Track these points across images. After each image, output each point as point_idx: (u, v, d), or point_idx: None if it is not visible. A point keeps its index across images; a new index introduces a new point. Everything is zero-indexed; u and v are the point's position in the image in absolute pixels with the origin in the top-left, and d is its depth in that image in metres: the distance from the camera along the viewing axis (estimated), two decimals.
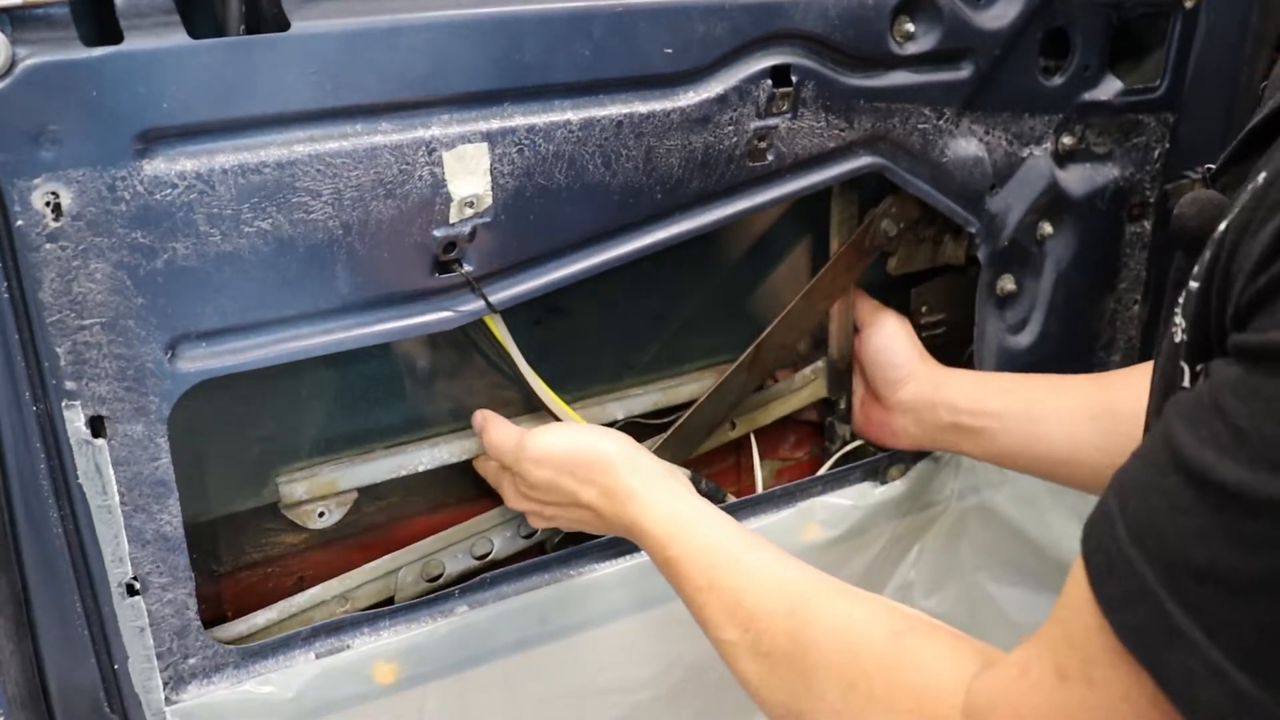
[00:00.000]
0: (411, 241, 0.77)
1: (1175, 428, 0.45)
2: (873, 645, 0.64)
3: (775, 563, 0.74)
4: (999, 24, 0.94)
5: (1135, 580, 0.45)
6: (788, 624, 0.68)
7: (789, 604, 0.69)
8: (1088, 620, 0.48)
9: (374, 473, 0.91)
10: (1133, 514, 0.46)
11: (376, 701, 0.87)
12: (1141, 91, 1.05)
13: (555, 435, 0.86)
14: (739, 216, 0.91)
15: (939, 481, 1.13)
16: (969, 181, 1.00)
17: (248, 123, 0.69)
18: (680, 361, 1.06)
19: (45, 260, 0.66)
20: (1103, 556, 0.47)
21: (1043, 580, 1.18)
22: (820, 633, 0.66)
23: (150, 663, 0.78)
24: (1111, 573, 0.46)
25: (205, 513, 0.86)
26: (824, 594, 0.70)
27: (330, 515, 0.91)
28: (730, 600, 0.72)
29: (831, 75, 0.89)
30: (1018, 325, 1.09)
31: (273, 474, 0.89)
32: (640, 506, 0.80)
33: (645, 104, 0.82)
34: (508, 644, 0.92)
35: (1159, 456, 0.46)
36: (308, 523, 0.90)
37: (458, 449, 0.94)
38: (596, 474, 0.82)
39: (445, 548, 0.96)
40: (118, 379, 0.70)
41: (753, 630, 0.70)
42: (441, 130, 0.75)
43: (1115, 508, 0.47)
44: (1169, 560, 0.44)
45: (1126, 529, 0.46)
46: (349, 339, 0.78)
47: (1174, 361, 0.52)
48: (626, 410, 1.02)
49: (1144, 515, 0.45)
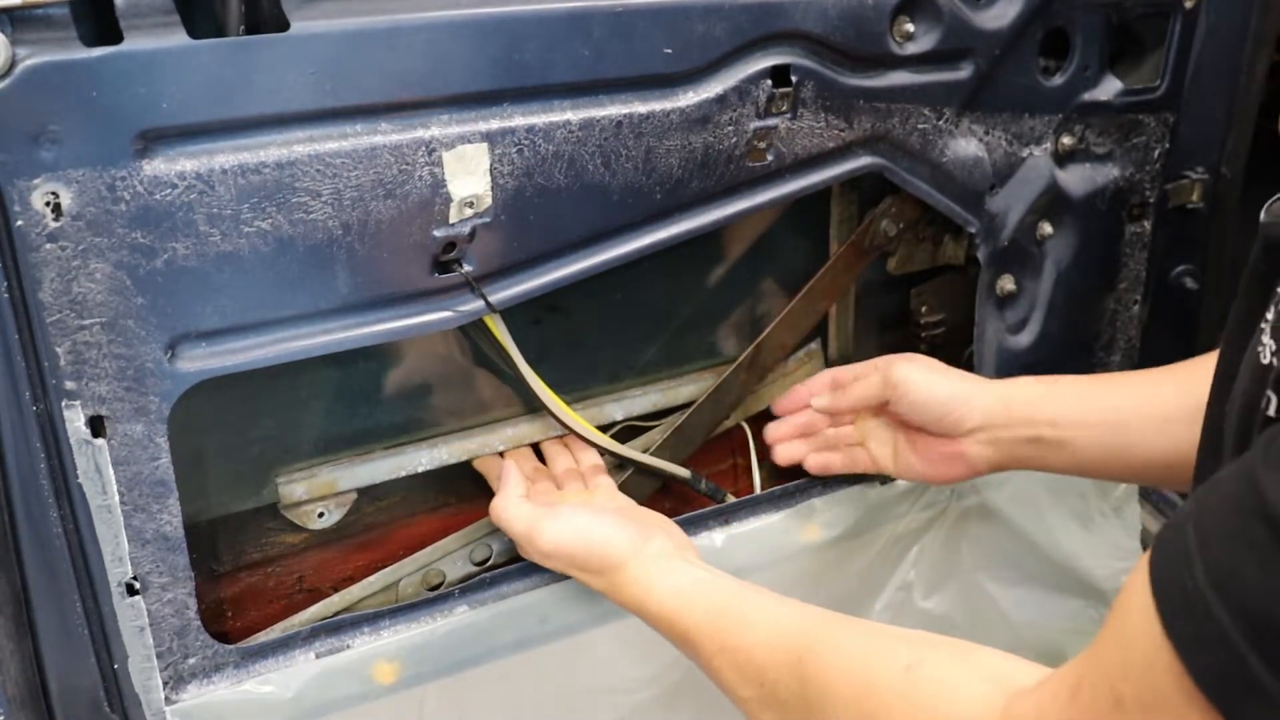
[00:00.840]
0: (411, 242, 0.77)
1: (1264, 473, 0.43)
2: (887, 680, 0.63)
3: (778, 614, 0.75)
4: (999, 24, 0.94)
5: (1213, 626, 0.43)
6: (798, 672, 0.69)
7: (797, 653, 0.70)
8: (1153, 653, 0.46)
9: (373, 473, 0.91)
10: (1215, 557, 0.44)
11: (376, 701, 0.87)
12: (1141, 91, 1.05)
13: (566, 532, 0.86)
14: (739, 216, 0.91)
15: None
16: (969, 181, 1.00)
17: (247, 123, 0.69)
18: (680, 362, 1.06)
19: (45, 260, 0.66)
20: (1178, 594, 0.45)
21: (1043, 580, 1.18)
22: (833, 675, 0.67)
23: (150, 662, 0.78)
24: (1188, 614, 0.45)
25: (205, 512, 0.86)
26: (830, 636, 0.70)
27: (330, 515, 0.91)
28: (741, 660, 0.73)
29: (831, 75, 0.89)
30: (1018, 325, 1.09)
31: (272, 474, 0.89)
32: (645, 592, 0.82)
33: (645, 104, 0.82)
34: (508, 644, 0.92)
35: (1245, 501, 0.44)
36: (307, 523, 0.90)
37: (458, 449, 0.94)
38: (604, 568, 0.85)
39: (444, 556, 0.97)
40: (118, 379, 0.71)
41: (767, 684, 0.71)
42: (441, 130, 0.75)
43: (1194, 544, 0.45)
44: (1252, 613, 0.42)
45: (1206, 572, 0.44)
46: (349, 339, 0.78)
47: (1260, 384, 0.50)
48: (625, 411, 1.02)
49: (1227, 561, 0.44)
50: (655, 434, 1.03)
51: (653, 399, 1.03)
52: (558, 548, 0.86)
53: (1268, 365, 0.50)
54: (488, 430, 0.97)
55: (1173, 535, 0.47)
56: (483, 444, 0.96)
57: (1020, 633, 1.19)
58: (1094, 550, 1.15)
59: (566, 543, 0.86)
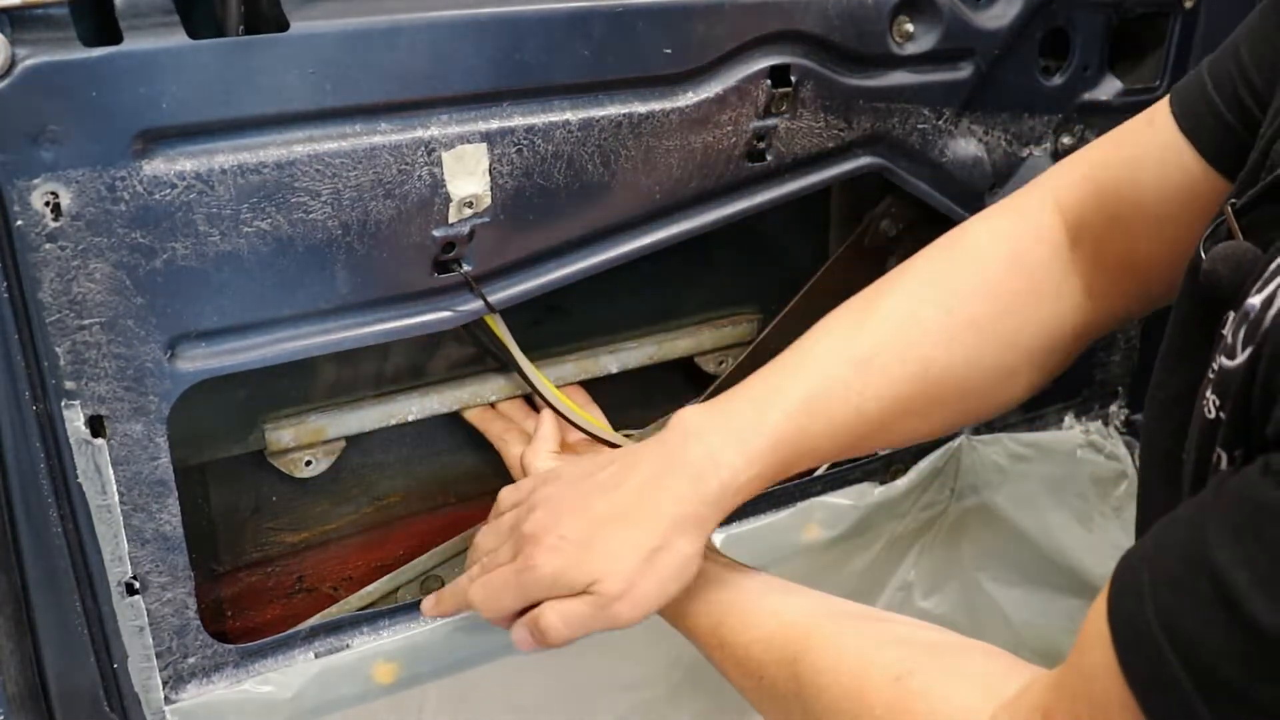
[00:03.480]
0: (410, 242, 0.77)
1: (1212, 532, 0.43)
2: (876, 690, 0.63)
3: (779, 608, 0.73)
4: (999, 24, 0.94)
5: (1165, 668, 0.43)
6: (795, 670, 0.68)
7: (793, 653, 0.69)
8: (1109, 688, 0.46)
9: (363, 421, 0.89)
10: (1163, 604, 0.44)
11: (376, 701, 0.87)
12: (1141, 92, 1.05)
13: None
14: (738, 216, 0.91)
15: (939, 481, 1.13)
16: (968, 181, 1.00)
17: (247, 123, 0.69)
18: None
19: (45, 260, 0.66)
20: (1130, 631, 0.46)
21: (1043, 580, 1.18)
22: (827, 681, 0.66)
23: (150, 662, 0.78)
24: (1139, 651, 0.45)
25: (193, 458, 0.85)
26: (827, 637, 0.69)
27: (317, 464, 0.88)
28: (741, 655, 0.73)
29: (831, 75, 0.89)
30: None
31: (260, 420, 0.87)
32: None
33: (644, 104, 0.82)
34: (508, 644, 0.91)
35: (1192, 550, 0.44)
36: (294, 471, 0.87)
37: (449, 398, 0.92)
38: None
39: (442, 563, 0.96)
40: (117, 379, 0.71)
41: (766, 678, 0.71)
42: (441, 130, 0.75)
43: (1146, 583, 0.45)
44: (1198, 665, 0.42)
45: (1156, 615, 0.44)
46: (348, 339, 0.78)
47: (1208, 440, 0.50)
48: (620, 364, 1.00)
49: (1173, 608, 0.44)
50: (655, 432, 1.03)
51: (648, 351, 1.01)
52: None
53: (1214, 420, 0.50)
54: (479, 380, 0.94)
55: (1129, 574, 0.47)
56: (474, 393, 0.94)
57: (1020, 633, 1.19)
58: (1094, 550, 1.15)
59: None
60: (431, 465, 0.99)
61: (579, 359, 0.98)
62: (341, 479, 0.94)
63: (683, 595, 0.76)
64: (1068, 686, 0.51)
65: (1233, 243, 0.55)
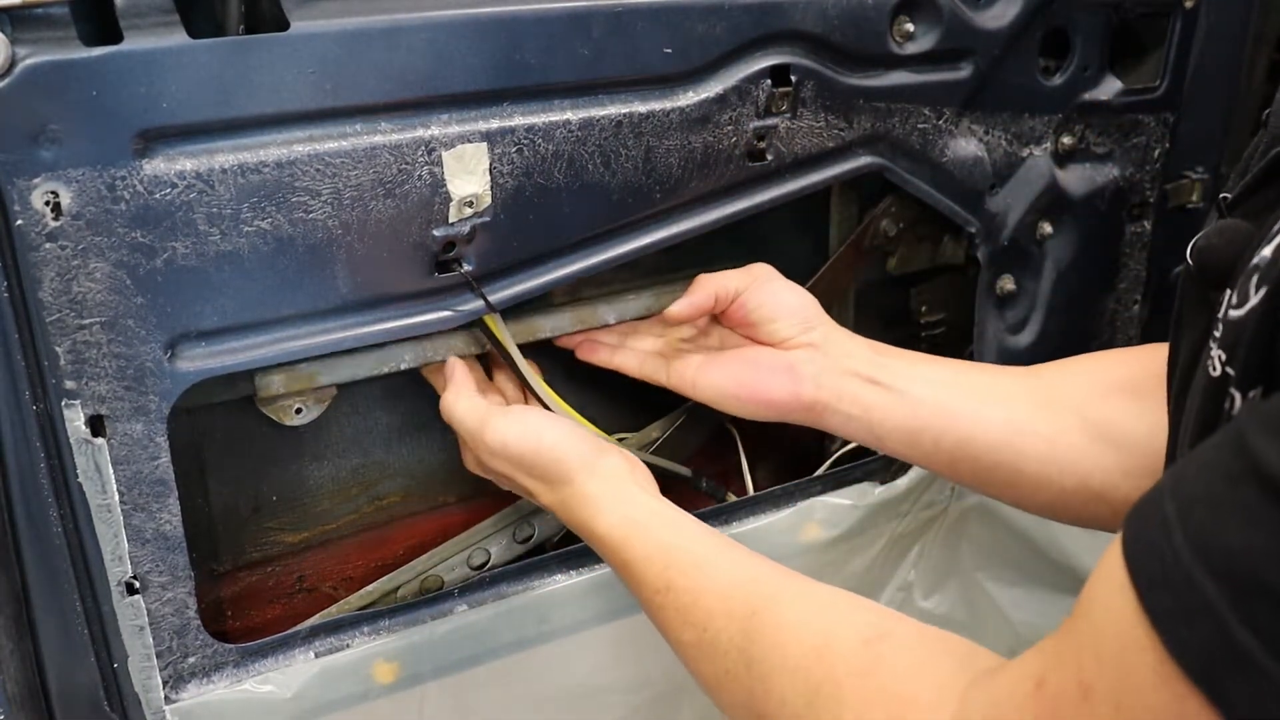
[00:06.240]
0: (411, 241, 0.77)
1: (1254, 438, 0.41)
2: (843, 651, 0.60)
3: (741, 564, 0.71)
4: (999, 24, 0.94)
5: (1195, 595, 0.41)
6: (749, 625, 0.65)
7: (753, 605, 0.66)
8: (1126, 633, 0.43)
9: (354, 369, 0.86)
10: (1197, 524, 0.42)
11: (376, 701, 0.87)
12: (1141, 91, 1.05)
13: (515, 428, 0.80)
14: (738, 216, 0.91)
15: (939, 481, 1.13)
16: (969, 181, 1.00)
17: (247, 122, 0.69)
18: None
19: (45, 260, 0.66)
20: (1156, 565, 0.43)
21: (1043, 580, 1.18)
22: (786, 637, 0.63)
23: (150, 661, 0.78)
24: (1166, 585, 0.42)
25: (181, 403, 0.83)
26: (793, 595, 0.66)
27: (307, 412, 0.86)
28: (687, 601, 0.70)
29: (831, 75, 0.89)
30: (1018, 325, 1.09)
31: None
32: (594, 511, 0.77)
33: (645, 104, 0.82)
34: (507, 644, 0.92)
35: (1232, 466, 0.41)
36: (283, 419, 0.85)
37: (443, 347, 0.89)
38: (552, 477, 0.80)
39: (441, 562, 0.96)
40: (117, 378, 0.71)
41: (710, 630, 0.67)
42: (441, 130, 0.75)
43: (1173, 514, 0.43)
44: (1238, 577, 0.40)
45: (1187, 539, 0.42)
46: (348, 338, 0.78)
47: (1214, 397, 0.49)
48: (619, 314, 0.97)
49: (1211, 526, 0.41)
50: (655, 432, 1.03)
51: (645, 303, 0.98)
52: (505, 445, 0.80)
53: (1219, 375, 0.48)
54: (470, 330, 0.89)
55: (1148, 508, 0.45)
56: (468, 341, 0.89)
57: (1020, 632, 1.19)
58: (1094, 550, 1.15)
59: (514, 441, 0.80)
60: (432, 465, 0.99)
61: (576, 309, 0.95)
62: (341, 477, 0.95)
63: (633, 528, 0.74)
64: (1069, 647, 0.48)
65: (1225, 221, 0.54)
